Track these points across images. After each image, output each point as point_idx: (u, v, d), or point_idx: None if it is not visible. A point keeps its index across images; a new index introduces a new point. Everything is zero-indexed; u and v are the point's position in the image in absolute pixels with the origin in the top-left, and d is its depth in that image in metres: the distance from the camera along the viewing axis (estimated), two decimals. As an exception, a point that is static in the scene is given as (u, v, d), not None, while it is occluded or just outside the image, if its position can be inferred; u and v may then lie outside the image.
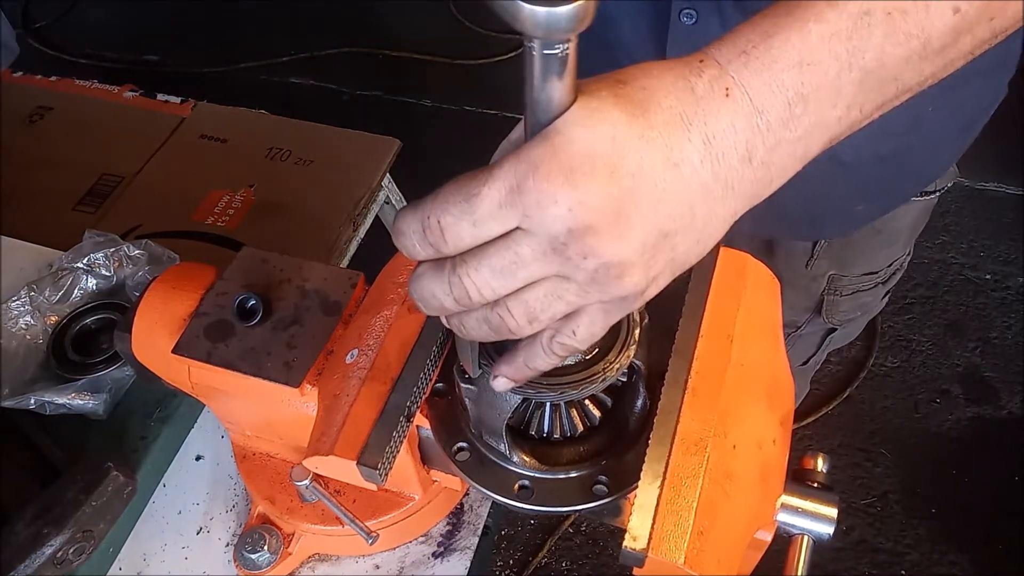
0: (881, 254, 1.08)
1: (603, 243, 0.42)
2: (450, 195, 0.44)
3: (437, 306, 0.48)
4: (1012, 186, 2.69)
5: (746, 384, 0.64)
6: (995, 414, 2.23)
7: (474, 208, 0.43)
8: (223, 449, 0.96)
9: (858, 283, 1.09)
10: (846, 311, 1.13)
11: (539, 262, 0.43)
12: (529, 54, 0.40)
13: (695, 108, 0.44)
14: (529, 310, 0.46)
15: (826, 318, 1.13)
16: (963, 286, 2.49)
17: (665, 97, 0.44)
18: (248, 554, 0.82)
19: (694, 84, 0.44)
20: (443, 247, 0.45)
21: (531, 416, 0.66)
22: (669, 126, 0.43)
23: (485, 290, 0.45)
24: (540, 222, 0.42)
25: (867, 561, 2.01)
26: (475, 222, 0.43)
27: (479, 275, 0.44)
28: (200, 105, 1.80)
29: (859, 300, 1.11)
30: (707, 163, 0.44)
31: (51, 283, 1.04)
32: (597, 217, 0.41)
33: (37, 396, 0.93)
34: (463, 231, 0.43)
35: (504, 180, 0.42)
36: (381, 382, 0.66)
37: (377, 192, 1.63)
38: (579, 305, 0.46)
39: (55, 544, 0.77)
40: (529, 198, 0.41)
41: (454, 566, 0.85)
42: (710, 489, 0.58)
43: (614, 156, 0.42)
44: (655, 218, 0.43)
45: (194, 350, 0.73)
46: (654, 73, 0.45)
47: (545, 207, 0.41)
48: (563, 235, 0.42)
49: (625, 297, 0.45)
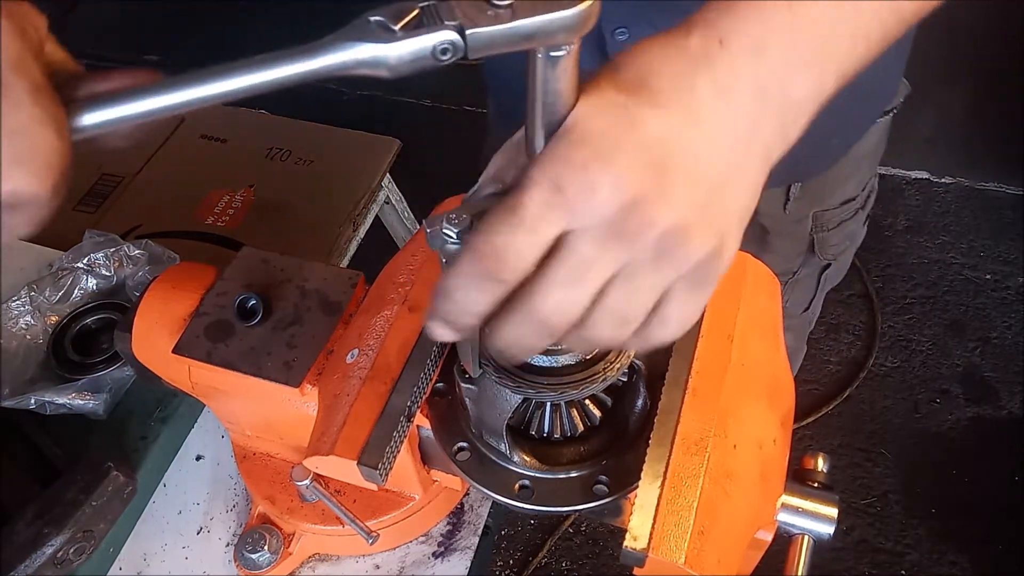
0: (852, 180, 1.13)
1: (656, 209, 0.42)
2: (491, 220, 0.43)
3: (529, 348, 0.46)
4: (1012, 186, 2.69)
5: (746, 384, 0.64)
6: (995, 414, 2.23)
7: (522, 216, 0.42)
8: (223, 449, 0.96)
9: (841, 214, 1.13)
10: (836, 244, 1.18)
11: (604, 254, 0.43)
12: (532, 56, 0.40)
13: (694, 64, 0.44)
14: (616, 315, 0.45)
15: (820, 255, 1.18)
16: (963, 286, 2.49)
17: (662, 64, 0.44)
18: (248, 554, 0.82)
19: (686, 44, 0.45)
20: (504, 273, 0.43)
21: (531, 416, 0.66)
22: (675, 87, 0.44)
23: (565, 305, 0.43)
24: (589, 212, 0.42)
25: (867, 561, 2.01)
26: (528, 229, 0.42)
27: (551, 296, 0.43)
28: (200, 105, 1.80)
29: (845, 230, 1.16)
30: (723, 110, 0.44)
31: (51, 283, 1.04)
32: (641, 187, 0.42)
33: (37, 396, 0.92)
34: (520, 243, 0.42)
35: (540, 183, 0.42)
36: (381, 382, 0.66)
37: (377, 192, 1.63)
38: (662, 288, 0.45)
39: (55, 544, 0.77)
40: (571, 192, 0.41)
41: (454, 566, 0.85)
42: (710, 489, 0.58)
43: (635, 130, 0.42)
44: (695, 172, 0.43)
45: (194, 350, 0.73)
46: (644, 48, 0.45)
47: (590, 195, 0.41)
48: (616, 215, 0.42)
49: (701, 261, 0.44)
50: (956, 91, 2.84)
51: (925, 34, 0.82)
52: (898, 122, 1.13)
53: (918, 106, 2.82)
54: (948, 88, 2.83)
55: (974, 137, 2.79)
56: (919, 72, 3.01)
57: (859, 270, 2.52)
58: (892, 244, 2.59)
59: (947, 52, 2.81)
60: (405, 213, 1.76)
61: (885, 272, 2.53)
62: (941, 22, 1.46)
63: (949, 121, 2.82)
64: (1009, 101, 2.77)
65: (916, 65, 1.04)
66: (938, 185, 2.72)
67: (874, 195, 1.20)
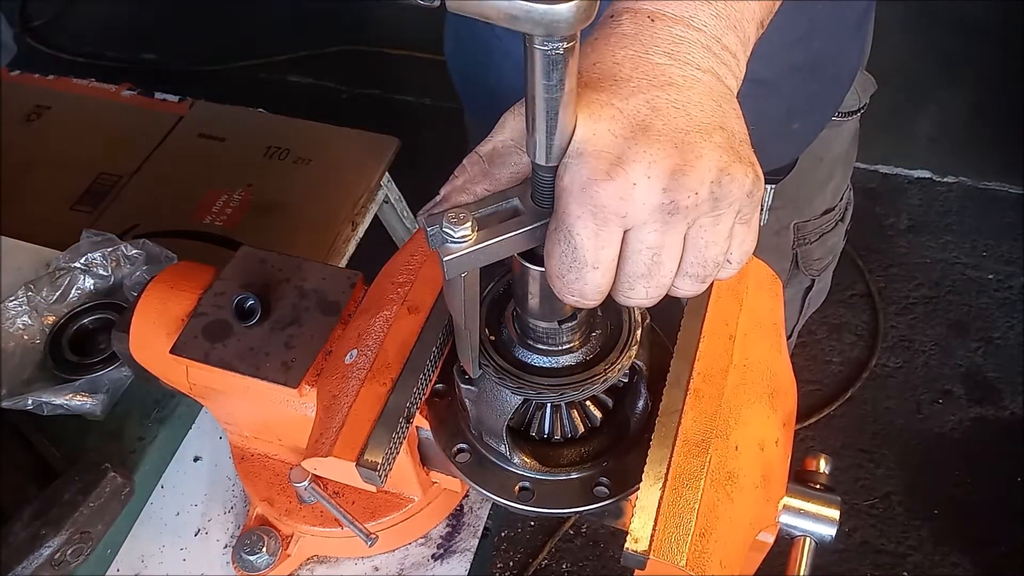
0: (828, 188, 1.15)
1: (694, 171, 0.45)
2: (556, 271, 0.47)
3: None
4: (1015, 185, 2.68)
5: (748, 385, 0.63)
6: (998, 414, 2.22)
7: (582, 257, 0.46)
8: (221, 450, 0.95)
9: (822, 225, 1.16)
10: (819, 257, 1.20)
11: (667, 232, 0.46)
12: (531, 53, 0.40)
13: (638, 42, 0.49)
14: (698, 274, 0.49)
15: (804, 269, 1.20)
16: (966, 286, 2.48)
17: (612, 55, 0.48)
18: (246, 556, 0.82)
19: (622, 31, 0.49)
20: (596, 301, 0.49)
21: (532, 417, 0.66)
22: (638, 68, 0.48)
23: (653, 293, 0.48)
24: (639, 207, 0.44)
25: (869, 563, 2.01)
26: (593, 264, 0.46)
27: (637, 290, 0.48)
28: (198, 104, 1.80)
29: (827, 243, 1.18)
30: (685, 69, 0.48)
31: (48, 283, 1.04)
32: (670, 161, 0.44)
33: (35, 396, 0.92)
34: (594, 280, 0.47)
35: (581, 216, 0.45)
36: (380, 383, 0.65)
37: (376, 191, 1.63)
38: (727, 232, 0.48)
39: (53, 545, 0.77)
40: (612, 204, 0.44)
41: (454, 568, 0.84)
42: (712, 491, 0.57)
43: (634, 120, 0.45)
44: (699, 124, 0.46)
45: (192, 350, 0.72)
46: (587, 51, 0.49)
47: (633, 197, 0.44)
48: (663, 196, 0.44)
49: (749, 190, 0.47)
50: (959, 90, 2.84)
51: (927, 34, 0.82)
52: (900, 121, 1.13)
53: (920, 105, 2.83)
54: (950, 87, 2.83)
55: (977, 136, 2.78)
56: (921, 72, 3.01)
57: (861, 270, 2.52)
58: (894, 244, 2.59)
59: (949, 52, 2.80)
60: (404, 212, 1.76)
61: (887, 272, 2.53)
62: (943, 22, 1.46)
63: (951, 120, 2.82)
64: (1012, 100, 2.76)
65: (918, 65, 1.04)
66: (941, 184, 2.72)
67: (851, 207, 1.21)
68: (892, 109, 2.78)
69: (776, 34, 0.57)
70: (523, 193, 0.49)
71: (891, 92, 2.80)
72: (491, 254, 0.48)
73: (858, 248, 2.55)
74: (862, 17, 0.99)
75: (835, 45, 0.97)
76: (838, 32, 0.96)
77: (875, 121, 2.79)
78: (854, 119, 1.10)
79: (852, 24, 0.98)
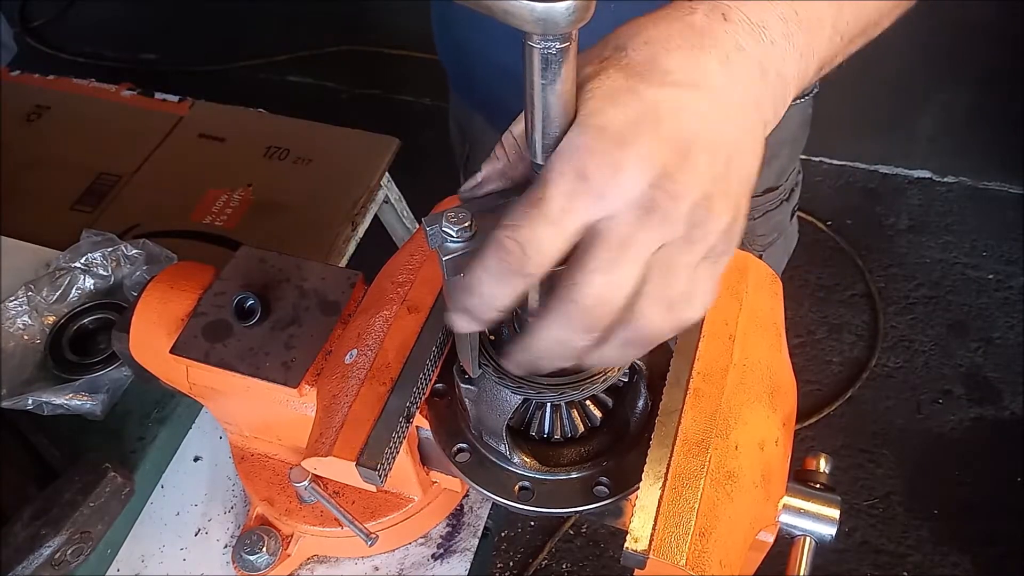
0: (773, 167, 1.13)
1: (682, 181, 0.43)
2: (514, 214, 0.43)
3: (570, 353, 0.46)
4: (1015, 185, 2.68)
5: (748, 384, 0.63)
6: (998, 415, 2.22)
7: (546, 211, 0.42)
8: (221, 450, 0.95)
9: (765, 204, 1.14)
10: (764, 234, 1.18)
11: (639, 232, 0.42)
12: (528, 51, 0.40)
13: (700, 39, 0.46)
14: (661, 299, 0.44)
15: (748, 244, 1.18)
16: (966, 286, 2.48)
17: (669, 40, 0.45)
18: (247, 555, 0.82)
19: (692, 20, 0.46)
20: (528, 267, 0.42)
21: (532, 417, 0.66)
22: (684, 62, 0.45)
23: (609, 291, 0.43)
24: (620, 194, 0.42)
25: (869, 562, 2.01)
26: (552, 221, 0.42)
27: (593, 284, 0.42)
28: (198, 104, 1.80)
29: (771, 220, 1.17)
30: (731, 84, 0.46)
31: (49, 283, 1.04)
32: (665, 161, 0.42)
33: (35, 396, 0.92)
34: (543, 238, 0.42)
35: (564, 175, 0.42)
36: (380, 382, 0.65)
37: (376, 191, 1.62)
38: (695, 265, 0.45)
39: (53, 545, 0.77)
40: (598, 178, 0.42)
41: (454, 568, 0.84)
42: (712, 490, 0.57)
43: (650, 110, 0.43)
44: (712, 144, 0.44)
45: (192, 350, 0.72)
46: (649, 26, 0.46)
47: (618, 178, 0.42)
48: (646, 192, 0.42)
49: (725, 231, 0.44)
50: (959, 90, 2.84)
51: (928, 34, 0.82)
52: (900, 121, 1.13)
53: (920, 105, 2.83)
54: (950, 87, 2.83)
55: (977, 136, 2.78)
56: (921, 72, 3.01)
57: (861, 270, 2.52)
58: (894, 244, 2.59)
59: (950, 52, 2.80)
60: (404, 212, 1.76)
61: (887, 272, 2.53)
62: (944, 22, 1.47)
63: (951, 120, 2.82)
64: (1012, 100, 2.76)
65: (919, 65, 1.04)
66: (940, 184, 2.72)
67: (799, 189, 1.20)
68: (892, 109, 2.78)
69: None
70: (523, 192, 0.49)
71: (891, 92, 2.81)
72: None
73: (858, 248, 2.55)
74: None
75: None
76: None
77: (875, 121, 2.80)
78: (803, 103, 1.09)
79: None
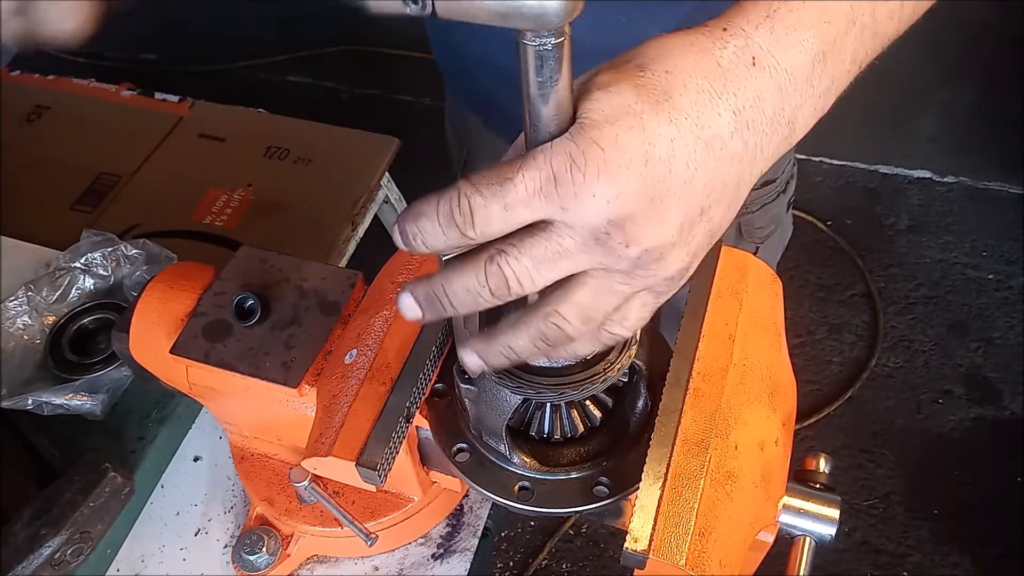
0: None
1: (644, 230, 0.43)
2: (482, 178, 0.43)
3: (469, 302, 0.47)
4: (1015, 185, 2.68)
5: (748, 384, 0.63)
6: (998, 415, 2.22)
7: (507, 192, 0.43)
8: (221, 450, 0.95)
9: (763, 196, 1.14)
10: (761, 226, 1.19)
11: (582, 253, 0.44)
12: (523, 49, 0.40)
13: (723, 82, 0.44)
14: (582, 310, 0.46)
15: (747, 237, 1.19)
16: (966, 286, 2.48)
17: (690, 77, 0.44)
18: (246, 555, 0.82)
19: (719, 57, 0.45)
20: (468, 230, 0.44)
21: (531, 417, 0.66)
22: (697, 105, 0.44)
23: (525, 279, 0.45)
24: (580, 215, 0.42)
25: (869, 563, 2.01)
26: (506, 206, 0.43)
27: (519, 264, 0.44)
28: (198, 104, 1.80)
29: (768, 213, 1.17)
30: (737, 134, 0.45)
31: (48, 283, 1.04)
32: (635, 206, 0.42)
33: (35, 396, 0.92)
34: (493, 214, 0.43)
35: (540, 170, 0.42)
36: (380, 382, 0.65)
37: (376, 191, 1.63)
38: (628, 294, 0.46)
39: (53, 545, 0.77)
40: (566, 190, 0.42)
41: (454, 568, 0.84)
42: (712, 490, 0.57)
43: (646, 145, 0.42)
44: (691, 197, 0.44)
45: (192, 350, 0.72)
46: (676, 52, 0.45)
47: (584, 200, 0.42)
48: (603, 226, 0.42)
49: (671, 277, 0.46)
50: (959, 90, 2.84)
51: (928, 34, 0.82)
52: (900, 121, 1.12)
53: (920, 105, 2.83)
54: (950, 87, 2.82)
55: (977, 136, 2.78)
56: (922, 72, 3.01)
57: (861, 270, 2.52)
58: (894, 244, 2.59)
59: (950, 51, 2.80)
60: (405, 213, 1.76)
61: (887, 272, 2.53)
62: (944, 22, 1.46)
63: (951, 120, 2.82)
64: (1012, 100, 2.76)
65: (919, 65, 1.04)
66: (940, 184, 2.72)
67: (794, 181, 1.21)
68: (892, 109, 2.78)
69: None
70: None
71: (891, 92, 2.81)
72: None
73: (858, 248, 2.55)
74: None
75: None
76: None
77: (875, 121, 2.79)
78: None
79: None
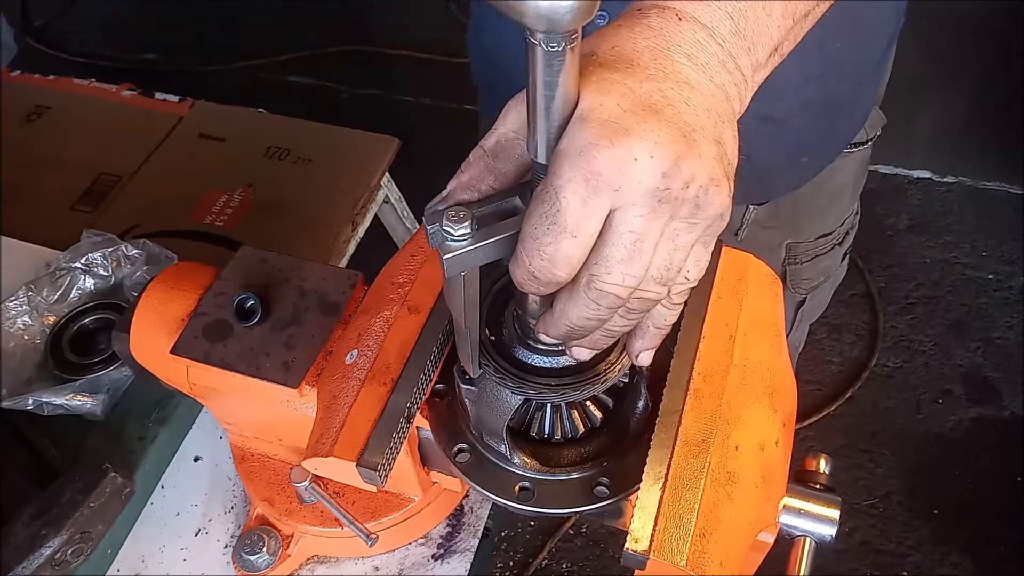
0: (830, 213, 1.13)
1: (695, 166, 0.44)
2: (531, 231, 0.44)
3: (592, 326, 0.49)
4: (1015, 185, 2.68)
5: (748, 385, 0.63)
6: (997, 415, 2.22)
7: (563, 222, 0.43)
8: (222, 450, 0.95)
9: (815, 248, 1.13)
10: (809, 278, 1.17)
11: (652, 221, 0.44)
12: (532, 48, 0.40)
13: (662, 37, 0.48)
14: (660, 275, 0.47)
15: (792, 288, 1.17)
16: (965, 286, 2.48)
17: (635, 42, 0.47)
18: (247, 556, 0.82)
19: (648, 23, 0.48)
20: (559, 276, 0.45)
21: (532, 417, 0.66)
22: (657, 60, 0.47)
23: (627, 280, 0.45)
24: (634, 185, 0.43)
25: (869, 562, 2.01)
26: (572, 232, 0.43)
27: (613, 275, 0.45)
28: (198, 104, 1.80)
29: (819, 265, 1.16)
30: (700, 76, 0.48)
31: (49, 283, 1.04)
32: (675, 147, 0.43)
33: (35, 396, 0.92)
34: (568, 249, 0.44)
35: (572, 179, 0.43)
36: (381, 383, 0.65)
37: (376, 191, 1.63)
38: (693, 242, 0.47)
39: (53, 545, 0.77)
40: (609, 173, 0.42)
41: (454, 568, 0.84)
42: (712, 491, 0.57)
43: (644, 100, 0.44)
44: (707, 128, 0.46)
45: (192, 350, 0.72)
46: (608, 33, 0.48)
47: (628, 167, 0.42)
48: (660, 180, 0.43)
49: (722, 214, 0.46)
50: (958, 91, 2.84)
51: (927, 34, 0.82)
52: (900, 121, 1.12)
53: (920, 106, 2.83)
54: (950, 88, 2.82)
55: (976, 137, 2.78)
56: (921, 72, 3.01)
57: (861, 270, 2.51)
58: (894, 244, 2.59)
59: (950, 52, 2.80)
60: (404, 213, 1.76)
61: (887, 272, 2.53)
62: (943, 22, 1.46)
63: (951, 121, 2.82)
64: (1011, 101, 2.76)
65: (918, 65, 1.04)
66: (940, 185, 2.72)
67: (854, 232, 1.19)
68: (892, 109, 2.78)
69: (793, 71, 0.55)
70: (523, 192, 0.49)
71: (891, 92, 2.81)
72: (491, 253, 0.48)
73: (858, 248, 2.53)
74: (881, 58, 0.99)
75: (851, 84, 0.96)
76: (856, 72, 0.96)
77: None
78: (864, 149, 1.09)
79: (871, 65, 0.97)
